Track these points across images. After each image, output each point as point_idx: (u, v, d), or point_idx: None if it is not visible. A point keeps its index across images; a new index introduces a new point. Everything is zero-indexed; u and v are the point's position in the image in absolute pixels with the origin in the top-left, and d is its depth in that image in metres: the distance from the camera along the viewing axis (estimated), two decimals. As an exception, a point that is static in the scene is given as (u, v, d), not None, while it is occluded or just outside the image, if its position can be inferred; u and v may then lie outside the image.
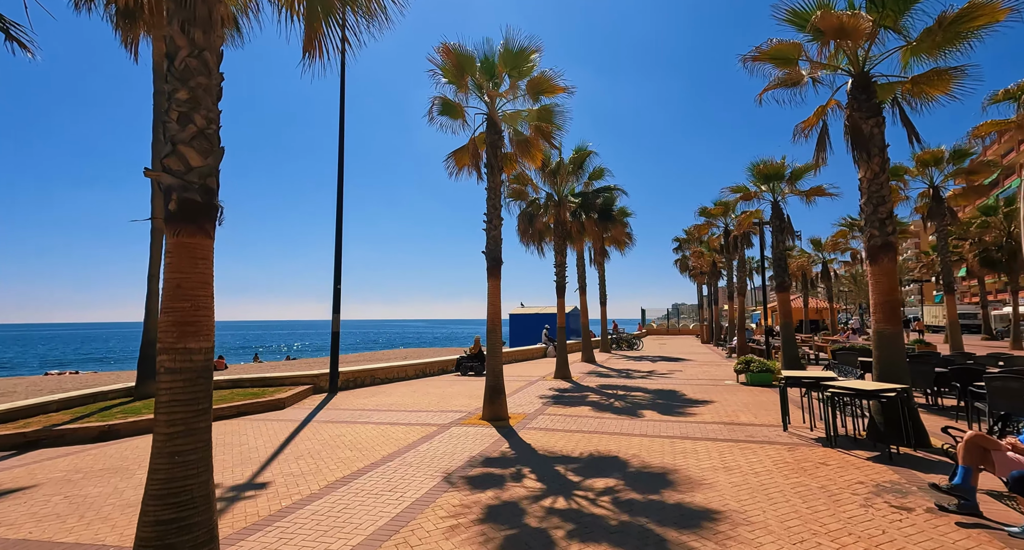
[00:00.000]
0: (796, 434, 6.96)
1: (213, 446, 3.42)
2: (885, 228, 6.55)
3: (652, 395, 10.94)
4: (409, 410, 9.53)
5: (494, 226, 8.93)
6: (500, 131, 9.05)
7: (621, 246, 25.17)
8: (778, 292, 12.56)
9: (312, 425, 8.31)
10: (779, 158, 12.56)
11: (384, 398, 11.09)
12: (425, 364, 15.71)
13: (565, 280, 14.59)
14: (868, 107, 6.64)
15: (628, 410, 9.16)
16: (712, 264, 30.34)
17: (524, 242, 14.67)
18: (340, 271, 12.43)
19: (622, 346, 27.37)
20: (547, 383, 13.23)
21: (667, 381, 13.25)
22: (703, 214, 24.27)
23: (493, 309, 8.87)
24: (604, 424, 7.95)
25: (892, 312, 6.48)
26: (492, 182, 8.92)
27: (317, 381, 12.12)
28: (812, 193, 12.41)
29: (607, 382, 13.29)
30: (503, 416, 8.46)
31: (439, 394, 11.53)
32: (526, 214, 14.37)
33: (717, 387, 11.94)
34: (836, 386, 6.20)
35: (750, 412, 8.72)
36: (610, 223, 14.35)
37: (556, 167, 13.86)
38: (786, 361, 12.08)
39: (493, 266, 8.86)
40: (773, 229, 12.73)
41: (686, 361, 19.54)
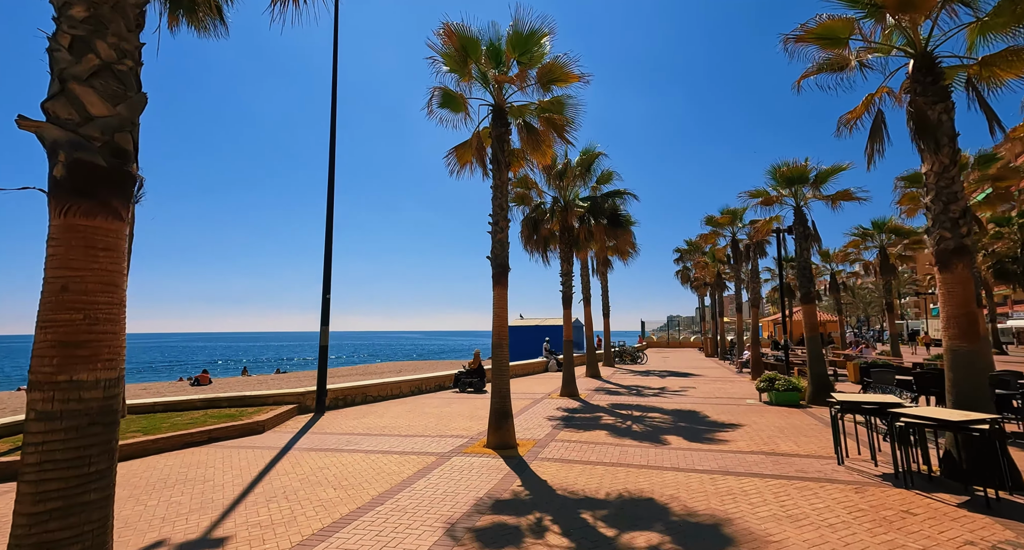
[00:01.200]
0: (855, 469, 5.97)
1: (172, 483, 2.45)
2: (958, 229, 5.66)
3: (671, 416, 9.93)
4: (404, 435, 8.47)
5: (500, 229, 8.00)
6: (507, 123, 8.16)
7: (624, 255, 24.25)
8: (803, 303, 11.65)
9: (293, 454, 7.25)
10: (802, 160, 11.76)
11: (376, 419, 10.02)
12: (421, 380, 14.63)
13: (572, 290, 13.65)
14: (935, 91, 5.79)
15: (649, 435, 8.15)
16: (717, 275, 29.49)
17: (528, 249, 13.75)
18: (330, 281, 11.42)
19: (626, 360, 26.35)
20: (554, 402, 12.19)
21: (682, 400, 12.25)
22: (709, 223, 23.43)
23: (499, 321, 7.89)
24: (627, 454, 6.93)
25: (969, 327, 5.56)
26: (499, 179, 8.01)
27: (303, 400, 11.03)
28: (838, 197, 11.58)
29: (618, 401, 12.26)
30: (511, 443, 7.43)
31: (437, 415, 10.47)
32: (530, 220, 13.46)
33: (739, 407, 10.95)
34: (911, 415, 5.23)
35: (788, 439, 7.73)
36: (620, 229, 13.48)
37: (563, 169, 13.00)
38: (814, 379, 11.12)
39: (500, 273, 7.91)
40: (796, 236, 11.86)
41: (696, 376, 18.56)
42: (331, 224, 11.50)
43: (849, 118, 7.18)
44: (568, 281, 13.59)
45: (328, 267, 11.42)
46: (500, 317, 7.92)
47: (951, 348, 5.64)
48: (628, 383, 16.31)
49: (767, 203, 12.26)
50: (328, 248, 11.45)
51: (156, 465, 6.69)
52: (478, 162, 8.40)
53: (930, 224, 5.90)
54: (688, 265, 37.54)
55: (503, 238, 7.99)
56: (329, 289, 11.38)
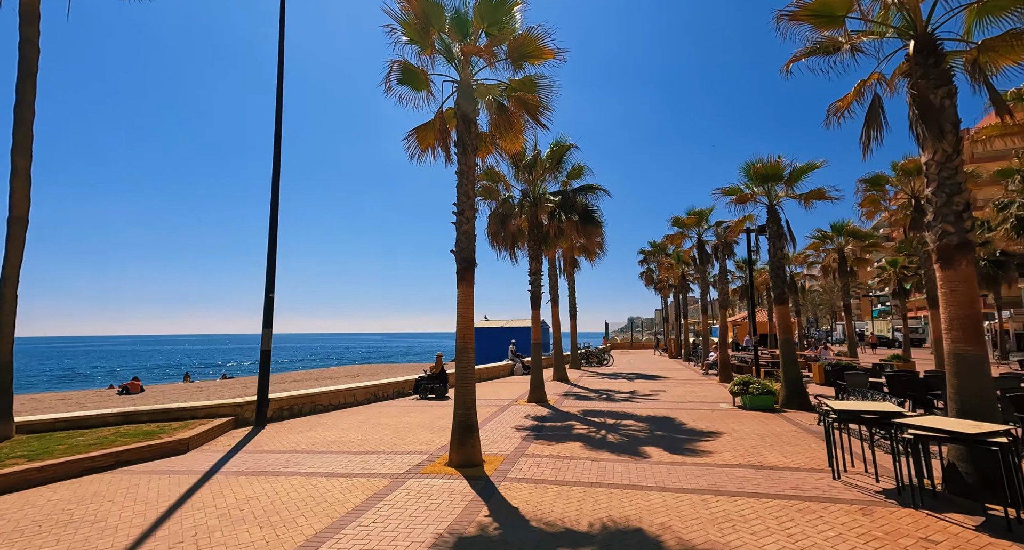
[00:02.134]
0: (853, 484, 5.47)
1: (49, 526, 1.93)
2: (962, 223, 5.26)
3: (647, 424, 9.34)
4: (354, 451, 7.47)
5: (466, 219, 7.14)
6: (475, 101, 7.33)
7: (592, 256, 23.87)
8: (777, 305, 11.37)
9: (218, 479, 6.13)
10: (775, 157, 11.50)
11: (324, 433, 8.94)
12: (377, 386, 13.53)
13: (541, 290, 12.94)
14: (937, 74, 5.39)
15: (627, 447, 7.49)
16: (681, 276, 29.60)
17: (495, 246, 12.94)
18: (274, 279, 10.23)
19: (592, 362, 25.95)
20: (522, 409, 11.41)
21: (655, 405, 11.73)
22: (676, 224, 23.36)
23: (464, 322, 7.03)
24: (606, 470, 6.22)
25: (973, 329, 5.15)
26: (464, 163, 7.16)
27: (240, 411, 9.78)
28: (811, 196, 11.39)
29: (589, 406, 11.61)
30: (476, 461, 6.58)
31: (393, 426, 9.48)
32: (498, 214, 12.67)
33: (714, 412, 10.51)
34: (919, 426, 4.74)
35: (773, 448, 7.24)
36: (591, 226, 12.89)
37: (532, 161, 12.28)
38: (787, 383, 10.83)
39: (465, 268, 7.05)
40: (770, 235, 11.59)
41: (663, 378, 18.25)
42: (275, 216, 10.30)
43: (840, 106, 6.76)
44: (537, 280, 12.87)
45: (272, 263, 10.22)
46: (465, 318, 7.06)
47: (954, 352, 5.22)
48: (597, 387, 15.75)
49: (741, 201, 11.95)
50: (272, 242, 10.25)
51: (38, 500, 5.44)
52: (441, 145, 7.51)
53: (931, 218, 5.49)
54: (652, 267, 37.71)
55: (469, 230, 7.14)
56: (273, 287, 10.19)
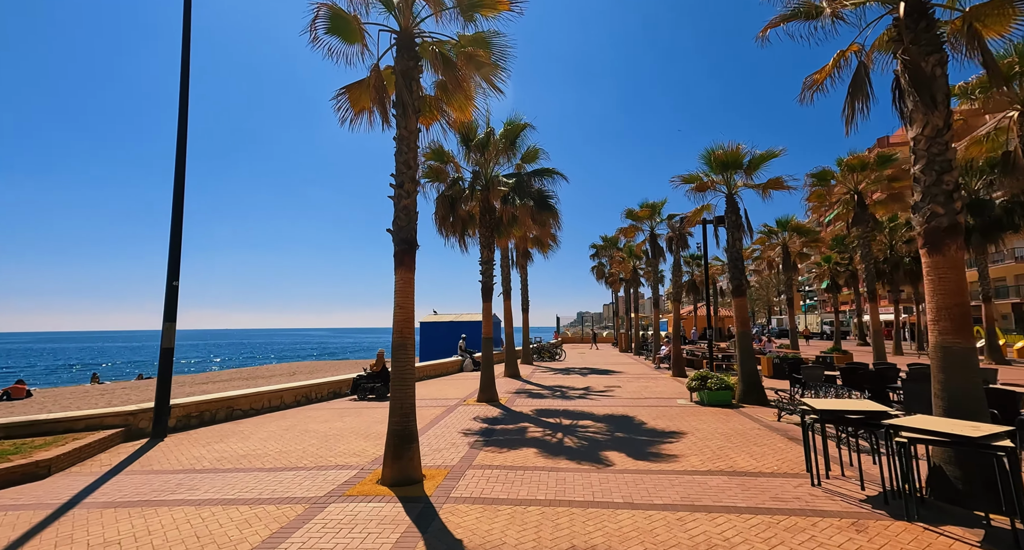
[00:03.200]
0: (836, 492, 4.95)
1: None
2: (952, 203, 4.82)
3: (605, 424, 8.68)
4: (268, 467, 6.25)
5: (406, 193, 6.09)
6: (417, 56, 6.25)
7: (545, 248, 23.25)
8: (735, 297, 11.08)
9: (75, 515, 4.79)
10: (732, 146, 11.15)
11: (237, 444, 7.61)
12: (310, 387, 12.15)
13: (492, 281, 12.01)
14: (928, 40, 4.92)
15: (587, 453, 6.74)
16: (633, 270, 29.64)
17: (443, 232, 11.86)
18: (178, 264, 8.69)
19: (544, 357, 25.39)
20: (471, 409, 10.48)
21: (612, 402, 11.16)
22: (629, 216, 23.13)
23: (403, 314, 5.99)
24: (565, 483, 5.41)
25: (962, 320, 4.74)
26: (405, 128, 6.09)
27: (134, 421, 8.23)
28: (769, 186, 11.15)
29: (544, 405, 10.86)
30: (415, 477, 5.58)
31: (323, 433, 8.27)
32: (446, 198, 11.59)
33: (672, 409, 10.04)
34: (913, 429, 4.23)
35: (740, 449, 6.73)
36: (547, 213, 12.08)
37: (485, 140, 11.28)
38: (744, 377, 10.55)
39: (404, 251, 6.00)
40: (729, 225, 11.26)
41: (617, 374, 17.89)
42: (181, 191, 8.74)
43: (816, 79, 6.27)
44: (489, 270, 11.93)
45: (176, 245, 8.66)
46: (404, 309, 6.02)
47: (942, 345, 4.79)
48: (550, 383, 15.07)
49: (700, 189, 11.55)
50: (176, 220, 8.68)
51: None
52: (377, 107, 6.37)
53: (918, 198, 5.03)
54: (604, 261, 37.80)
55: (410, 206, 6.09)
56: (177, 275, 8.64)
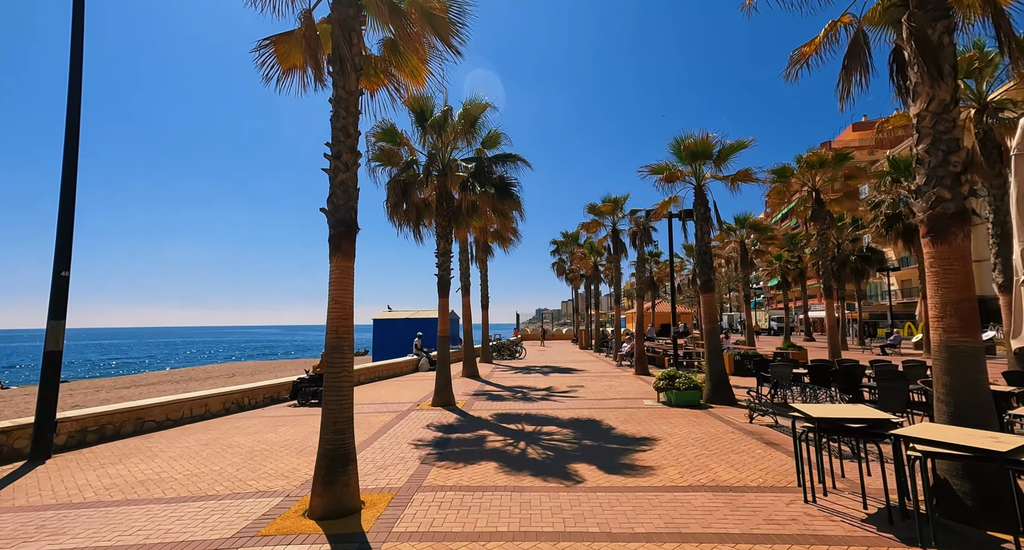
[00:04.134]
0: (834, 510, 4.41)
1: None
2: (959, 187, 4.36)
3: (572, 430, 7.98)
4: (169, 498, 5.12)
5: (344, 165, 5.09)
6: (358, 4, 5.24)
7: (506, 242, 22.46)
8: (703, 292, 10.66)
9: None
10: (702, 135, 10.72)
11: (138, 466, 6.36)
12: (242, 392, 10.82)
13: (450, 274, 11.07)
14: (935, 4, 4.42)
15: (554, 466, 5.98)
16: (594, 266, 29.36)
17: (395, 221, 10.80)
18: (69, 250, 7.26)
19: (504, 355, 24.64)
20: (424, 415, 9.54)
21: (576, 404, 10.51)
22: (592, 211, 22.71)
23: (340, 310, 5.01)
24: (532, 507, 4.62)
25: (970, 317, 4.29)
26: (344, 88, 5.08)
27: (8, 441, 6.78)
28: (738, 177, 10.81)
29: (504, 409, 10.06)
30: (351, 506, 4.63)
31: (248, 449, 7.12)
32: (399, 183, 10.53)
33: (640, 411, 9.49)
34: (926, 441, 3.70)
35: (719, 458, 6.17)
36: (509, 202, 11.24)
37: (442, 120, 10.30)
38: (713, 376, 10.15)
39: (342, 234, 5.01)
40: (697, 218, 10.84)
41: (579, 372, 17.36)
42: (73, 163, 7.30)
43: (805, 52, 5.77)
44: (446, 263, 10.99)
45: (67, 229, 7.23)
46: (341, 304, 5.03)
47: (947, 344, 4.32)
48: (511, 384, 14.30)
49: (670, 179, 11.06)
50: (67, 200, 7.24)
51: None
52: (310, 63, 5.33)
53: (921, 181, 4.55)
54: (564, 257, 37.51)
55: (348, 180, 5.10)
56: (68, 264, 7.21)
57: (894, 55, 4.92)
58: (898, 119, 10.89)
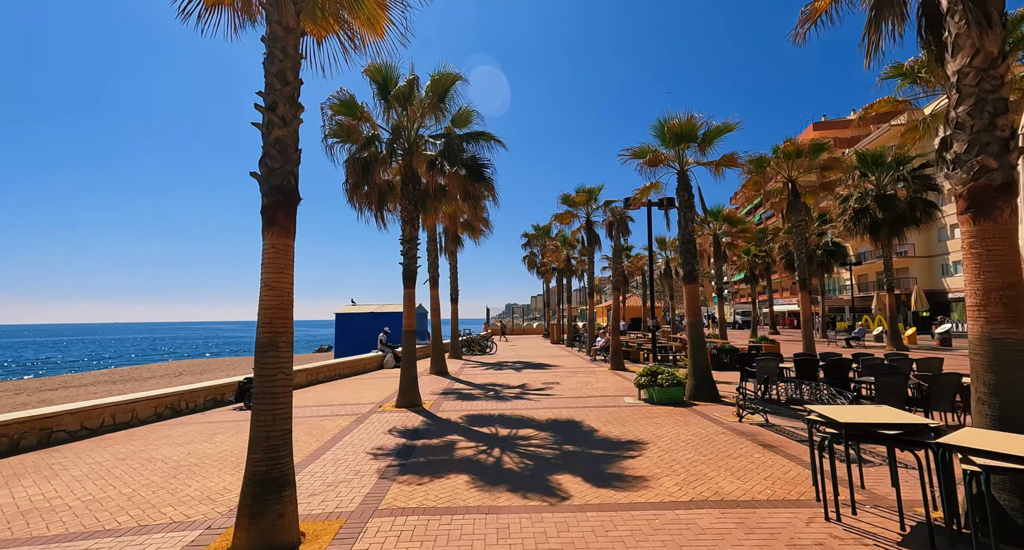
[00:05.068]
0: (863, 529, 3.79)
1: None
2: (1007, 155, 3.78)
3: (551, 433, 7.23)
4: (51, 535, 4.05)
5: (281, 120, 4.12)
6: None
7: (477, 233, 21.62)
8: (686, 283, 10.10)
9: None
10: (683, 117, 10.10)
11: (28, 491, 5.21)
12: (178, 395, 9.57)
13: (417, 263, 10.10)
14: (983, -58, 3.81)
15: (535, 479, 5.20)
16: (566, 259, 28.79)
17: (355, 204, 9.74)
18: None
19: (474, 350, 23.77)
20: (387, 418, 8.60)
21: (553, 403, 9.78)
22: (565, 202, 22.04)
23: (275, 298, 4.05)
24: (512, 536, 3.82)
25: (1017, 304, 3.72)
26: (279, 23, 4.10)
27: None
28: (723, 162, 10.26)
29: (476, 410, 9.22)
30: (286, 541, 3.71)
31: (174, 464, 6.04)
32: (359, 161, 9.46)
33: (622, 410, 8.85)
34: (988, 453, 3.09)
35: (717, 465, 5.54)
36: (482, 184, 10.30)
37: (407, 91, 9.27)
38: (696, 372, 9.61)
39: (278, 205, 4.05)
40: (680, 205, 10.25)
41: (553, 368, 16.69)
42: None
43: (819, 6, 5.11)
44: (412, 250, 10.01)
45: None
46: (278, 291, 4.07)
47: (991, 337, 3.76)
48: (482, 381, 13.47)
49: (653, 163, 10.41)
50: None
51: None
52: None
53: (960, 149, 3.96)
54: (536, 250, 36.87)
55: (286, 138, 4.13)
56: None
57: (923, 7, 4.31)
58: (882, 105, 10.59)
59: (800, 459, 5.63)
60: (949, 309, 36.96)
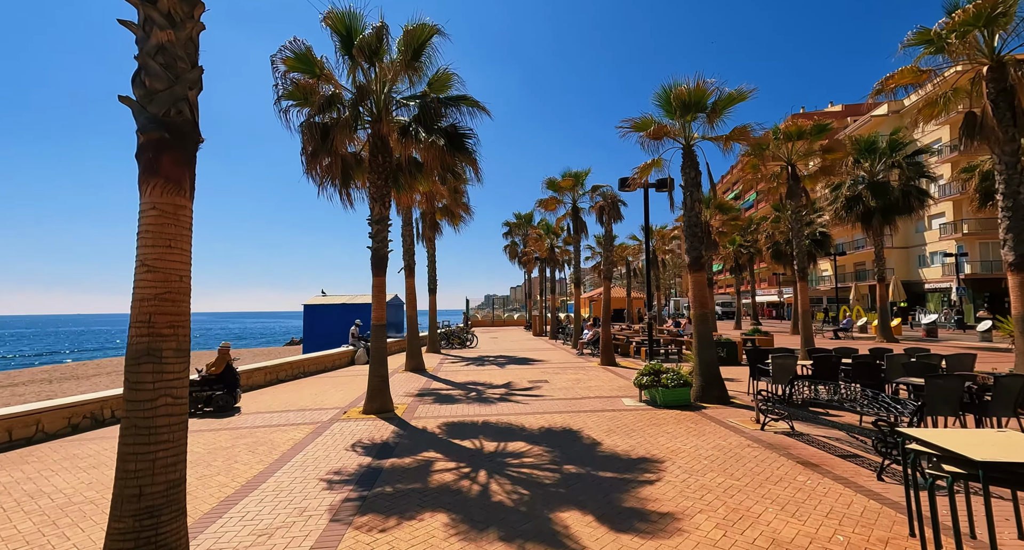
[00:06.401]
0: (1003, 605, 2.73)
1: None
2: None
3: (546, 448, 6.06)
4: None
5: (166, 18, 2.76)
6: None
7: (456, 219, 20.26)
8: (691, 271, 9.03)
9: None
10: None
11: None
12: (100, 401, 8.06)
13: (387, 247, 8.75)
14: None
15: (533, 517, 4.02)
16: (550, 248, 27.65)
17: (314, 176, 8.30)
18: None
19: (453, 343, 22.49)
20: (351, 428, 7.30)
21: (544, 406, 8.64)
22: (550, 187, 20.88)
23: (159, 285, 2.72)
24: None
25: None
26: None
27: None
28: (734, 136, 9.13)
29: (456, 416, 7.99)
30: None
31: (59, 503, 4.65)
32: (317, 127, 8.02)
33: (623, 414, 7.76)
34: None
35: (760, 495, 4.45)
36: (463, 155, 8.91)
37: (374, 41, 7.79)
38: (703, 369, 8.57)
39: (162, 146, 2.71)
40: (686, 183, 9.13)
41: (538, 363, 15.58)
42: None
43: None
44: (382, 232, 8.64)
45: None
46: (164, 274, 2.75)
47: None
48: (463, 379, 12.24)
49: (656, 136, 9.23)
50: None
51: None
52: None
53: None
54: (517, 239, 35.66)
55: (175, 44, 2.77)
56: None
57: None
58: (903, 75, 9.63)
59: (855, 484, 4.59)
60: (925, 300, 37.33)
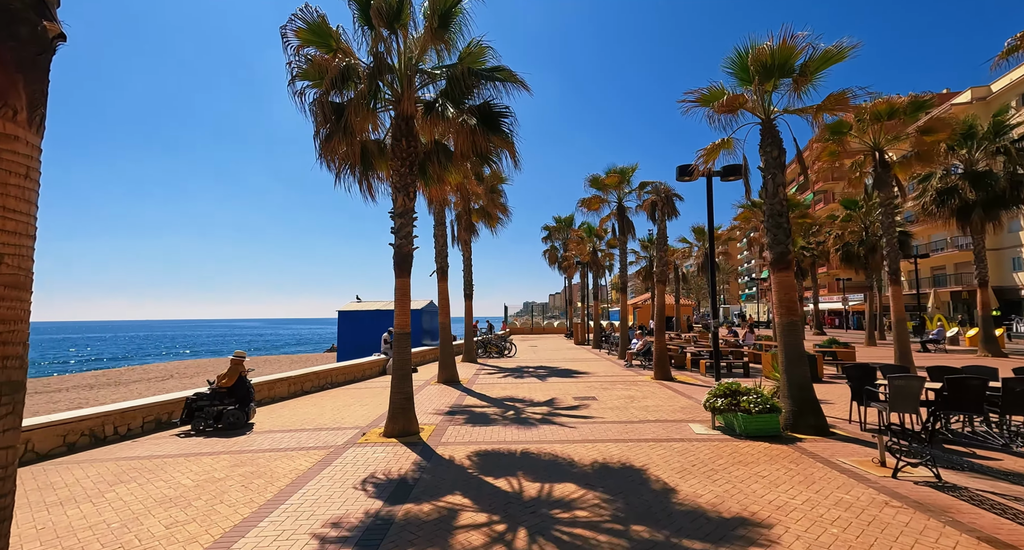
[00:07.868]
0: None
1: None
2: None
3: (602, 494, 4.66)
4: None
5: None
6: None
7: (493, 220, 19.19)
8: (775, 270, 7.41)
9: None
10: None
11: None
12: (103, 416, 7.30)
13: (412, 244, 7.64)
14: None
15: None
16: (592, 251, 26.09)
17: (327, 161, 7.30)
18: None
19: (491, 351, 21.28)
20: (368, 455, 6.15)
21: (595, 431, 7.22)
22: (594, 185, 19.51)
23: None
24: None
25: None
26: None
27: None
28: (827, 106, 7.45)
29: (490, 443, 6.71)
30: None
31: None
32: (329, 106, 7.03)
33: (696, 446, 6.24)
34: None
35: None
36: (498, 137, 7.64)
37: (394, 5, 6.78)
38: (794, 391, 6.90)
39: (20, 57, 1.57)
40: (767, 165, 7.54)
41: (583, 375, 14.08)
42: None
43: None
44: (406, 226, 7.53)
45: None
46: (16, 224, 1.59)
47: None
48: (499, 394, 10.95)
49: (729, 109, 7.67)
50: None
51: None
52: None
53: None
54: (557, 244, 34.29)
55: None
56: None
57: None
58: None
59: None
60: (1021, 308, 33.05)
